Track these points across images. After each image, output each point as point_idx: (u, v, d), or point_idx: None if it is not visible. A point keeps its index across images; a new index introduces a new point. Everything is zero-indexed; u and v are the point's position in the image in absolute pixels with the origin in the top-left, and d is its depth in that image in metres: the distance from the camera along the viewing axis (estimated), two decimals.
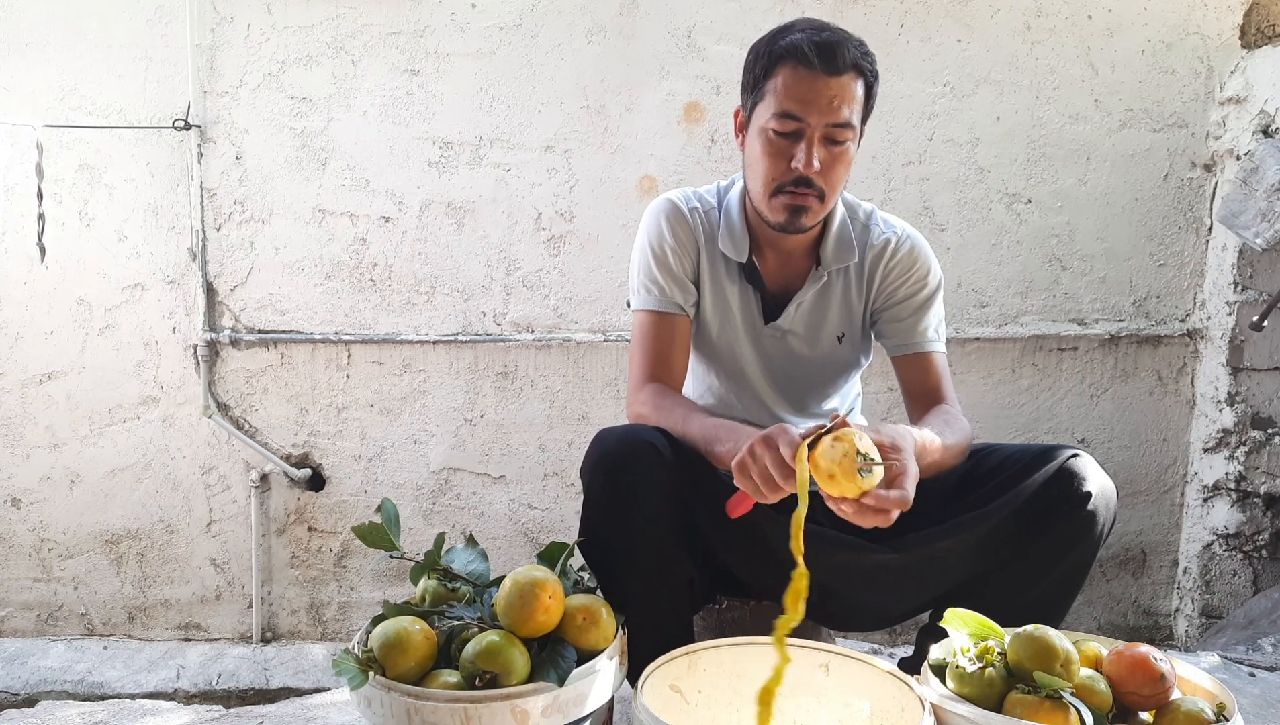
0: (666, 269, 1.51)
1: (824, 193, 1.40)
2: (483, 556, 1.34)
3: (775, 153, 1.39)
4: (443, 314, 2.69)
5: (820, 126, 1.36)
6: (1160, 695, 1.13)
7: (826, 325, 1.55)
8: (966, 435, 1.42)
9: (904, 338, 1.55)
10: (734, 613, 1.62)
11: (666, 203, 1.55)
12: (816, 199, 1.40)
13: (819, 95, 1.34)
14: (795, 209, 1.40)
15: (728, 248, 1.52)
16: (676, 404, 1.44)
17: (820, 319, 1.55)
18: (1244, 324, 2.59)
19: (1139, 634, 2.84)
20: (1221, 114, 2.64)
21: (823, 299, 1.54)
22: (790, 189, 1.39)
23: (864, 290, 1.56)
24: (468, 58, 2.61)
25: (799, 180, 1.38)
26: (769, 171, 1.40)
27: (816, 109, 1.35)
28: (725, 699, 1.28)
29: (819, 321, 1.55)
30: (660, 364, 1.50)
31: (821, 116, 1.35)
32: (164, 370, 2.69)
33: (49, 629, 2.80)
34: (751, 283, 1.53)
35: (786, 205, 1.40)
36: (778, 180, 1.40)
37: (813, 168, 1.36)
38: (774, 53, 1.38)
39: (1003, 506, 1.36)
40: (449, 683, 1.14)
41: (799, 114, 1.35)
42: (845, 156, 1.39)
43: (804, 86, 1.35)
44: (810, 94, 1.34)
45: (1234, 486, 2.67)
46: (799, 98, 1.35)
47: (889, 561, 1.40)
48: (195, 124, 2.58)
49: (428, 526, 2.77)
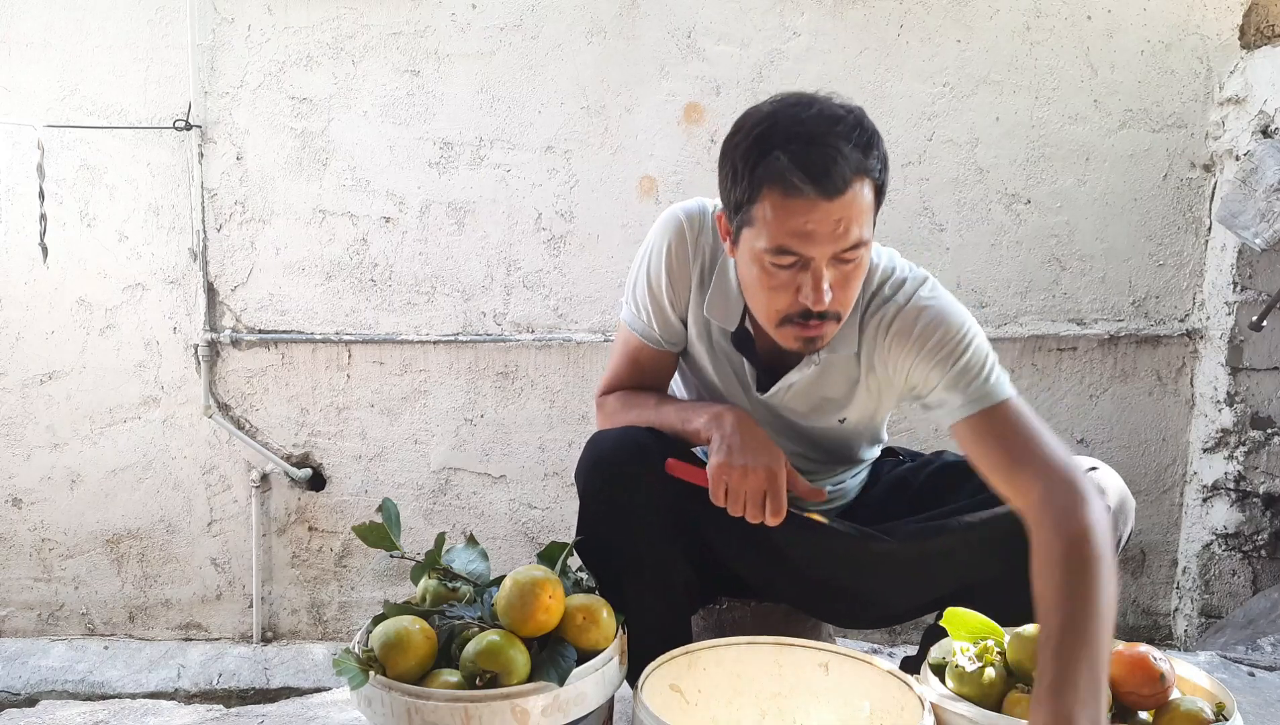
0: (659, 306, 1.36)
1: (840, 315, 1.20)
2: (483, 556, 1.34)
3: (776, 286, 1.17)
4: (443, 314, 2.69)
5: (826, 257, 1.14)
6: (1160, 695, 1.13)
7: (826, 409, 1.38)
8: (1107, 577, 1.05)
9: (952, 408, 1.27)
10: (734, 613, 1.62)
11: (675, 225, 1.34)
12: (833, 322, 1.20)
13: (819, 225, 1.11)
14: (809, 339, 1.21)
15: (716, 313, 1.32)
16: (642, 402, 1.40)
17: (816, 402, 1.37)
18: (1243, 324, 2.59)
19: (1138, 634, 2.84)
20: (1221, 114, 2.64)
21: (819, 384, 1.35)
22: (799, 322, 1.19)
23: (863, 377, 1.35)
24: (468, 58, 2.61)
25: (807, 312, 1.17)
26: (772, 304, 1.19)
27: (818, 241, 1.12)
28: (725, 699, 1.29)
29: (815, 405, 1.37)
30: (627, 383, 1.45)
31: (827, 247, 1.13)
32: (165, 370, 2.69)
33: (49, 629, 2.81)
34: (742, 351, 1.35)
35: (799, 337, 1.20)
36: (783, 312, 1.19)
37: (824, 303, 1.15)
38: (753, 169, 1.13)
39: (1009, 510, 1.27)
40: (449, 682, 1.14)
41: (797, 250, 1.13)
42: (860, 267, 1.18)
43: (799, 218, 1.11)
44: (808, 226, 1.11)
45: (1233, 486, 2.67)
46: (795, 232, 1.12)
47: (893, 551, 1.37)
48: (196, 124, 2.58)
49: (428, 526, 2.77)
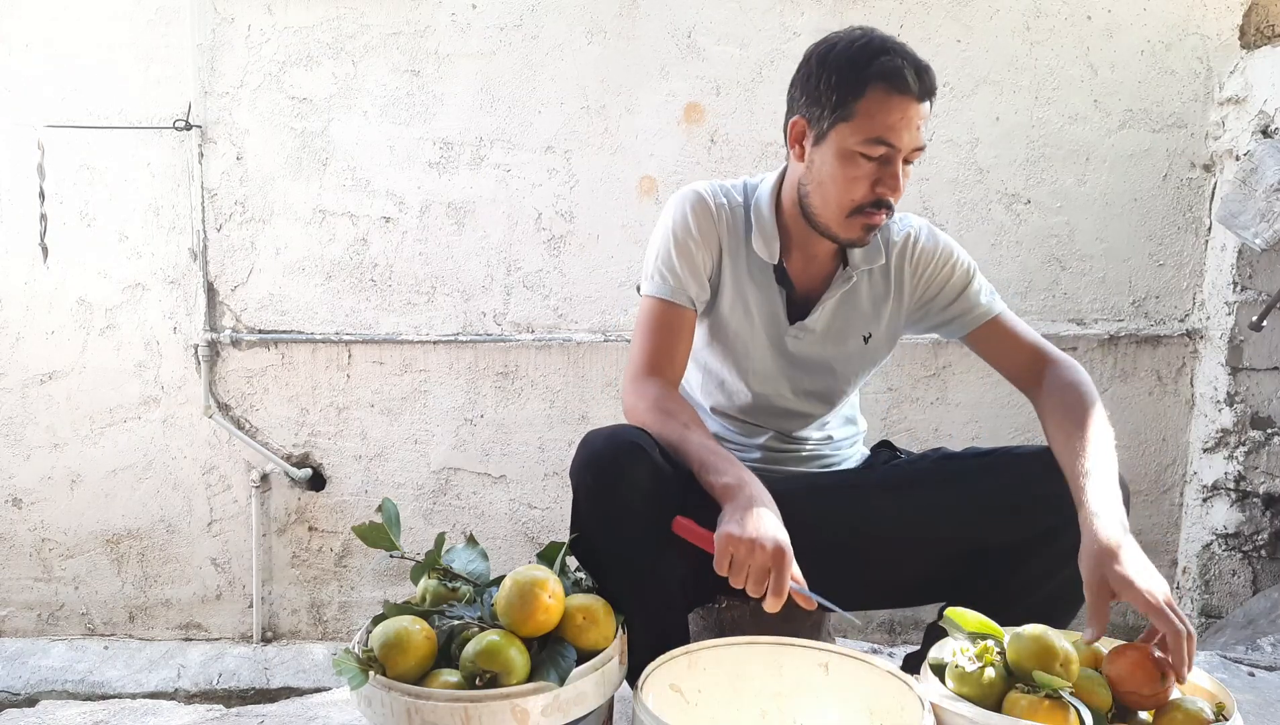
0: (687, 259, 1.49)
1: (893, 208, 1.41)
2: (483, 556, 1.34)
3: (861, 176, 1.37)
4: (443, 314, 2.69)
5: (907, 150, 1.36)
6: (1160, 695, 1.14)
7: (852, 326, 1.54)
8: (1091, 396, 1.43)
9: (963, 317, 1.53)
10: (734, 613, 1.62)
11: (694, 194, 1.52)
12: (887, 215, 1.41)
13: (911, 121, 1.34)
14: (870, 228, 1.41)
15: (760, 249, 1.50)
16: (676, 414, 1.41)
17: (846, 320, 1.54)
18: (1243, 324, 2.59)
19: (1139, 634, 2.83)
20: (1221, 114, 2.64)
21: (850, 300, 1.53)
22: (871, 210, 1.39)
23: (894, 289, 1.54)
24: (468, 58, 2.61)
25: (879, 201, 1.38)
26: (850, 193, 1.39)
27: (908, 134, 1.34)
28: (725, 699, 1.28)
29: (845, 322, 1.54)
30: (663, 355, 1.48)
31: (910, 141, 1.35)
32: (165, 370, 2.69)
33: (50, 629, 2.81)
34: (781, 284, 1.52)
35: (864, 225, 1.40)
36: (858, 202, 1.39)
37: (900, 192, 1.37)
38: (861, 73, 1.35)
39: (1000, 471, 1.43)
40: (449, 682, 1.14)
41: (892, 140, 1.34)
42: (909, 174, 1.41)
43: (898, 112, 1.33)
44: (904, 120, 1.34)
45: (1233, 486, 2.67)
46: (893, 124, 1.34)
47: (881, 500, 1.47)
48: (196, 124, 2.58)
49: (428, 526, 2.77)
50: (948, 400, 2.76)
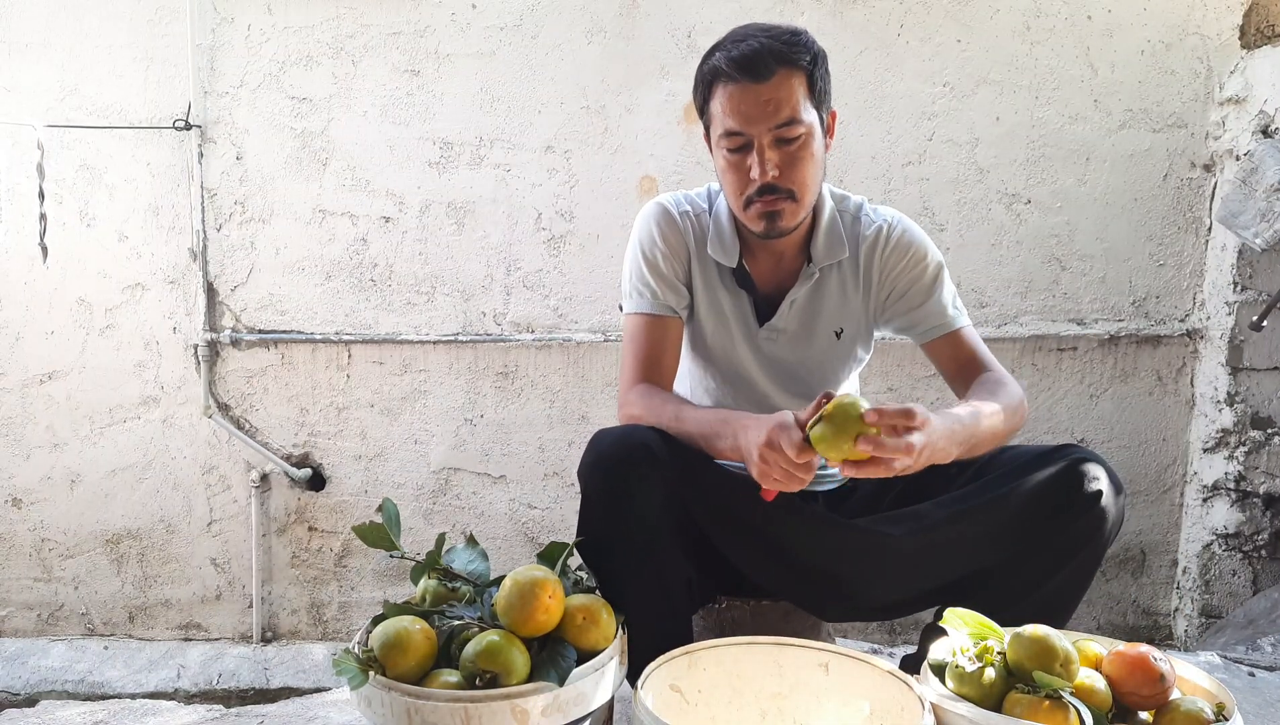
0: (658, 272, 1.52)
1: (793, 192, 1.41)
2: (483, 556, 1.34)
3: (733, 167, 1.42)
4: (443, 314, 2.69)
5: (764, 134, 1.37)
6: (1160, 695, 1.13)
7: (822, 322, 1.55)
8: (1014, 395, 1.43)
9: (925, 322, 1.54)
10: (734, 613, 1.62)
11: (657, 207, 1.56)
12: (787, 200, 1.41)
13: (753, 106, 1.36)
14: (769, 215, 1.42)
15: (718, 253, 1.52)
16: (667, 401, 1.45)
17: (815, 316, 1.55)
18: (1243, 324, 2.59)
19: (1139, 634, 2.84)
20: (1221, 114, 2.64)
21: (817, 296, 1.54)
22: (757, 199, 1.41)
23: (862, 283, 1.55)
24: (468, 58, 2.61)
25: (762, 189, 1.40)
26: (734, 186, 1.44)
27: (755, 119, 1.37)
28: (725, 699, 1.28)
29: (813, 318, 1.55)
30: (650, 366, 1.51)
31: (762, 124, 1.37)
32: (164, 370, 2.69)
33: (49, 629, 2.81)
34: (743, 287, 1.54)
35: (761, 213, 1.42)
36: (744, 193, 1.42)
37: (768, 175, 1.38)
38: (704, 77, 1.43)
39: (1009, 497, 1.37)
40: (449, 682, 1.14)
41: (740, 129, 1.38)
42: (806, 152, 1.40)
43: (735, 101, 1.37)
44: (744, 106, 1.37)
45: (1233, 486, 2.67)
46: (735, 113, 1.38)
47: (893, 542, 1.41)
48: (196, 124, 2.58)
49: (428, 526, 2.77)
50: (948, 400, 2.75)
